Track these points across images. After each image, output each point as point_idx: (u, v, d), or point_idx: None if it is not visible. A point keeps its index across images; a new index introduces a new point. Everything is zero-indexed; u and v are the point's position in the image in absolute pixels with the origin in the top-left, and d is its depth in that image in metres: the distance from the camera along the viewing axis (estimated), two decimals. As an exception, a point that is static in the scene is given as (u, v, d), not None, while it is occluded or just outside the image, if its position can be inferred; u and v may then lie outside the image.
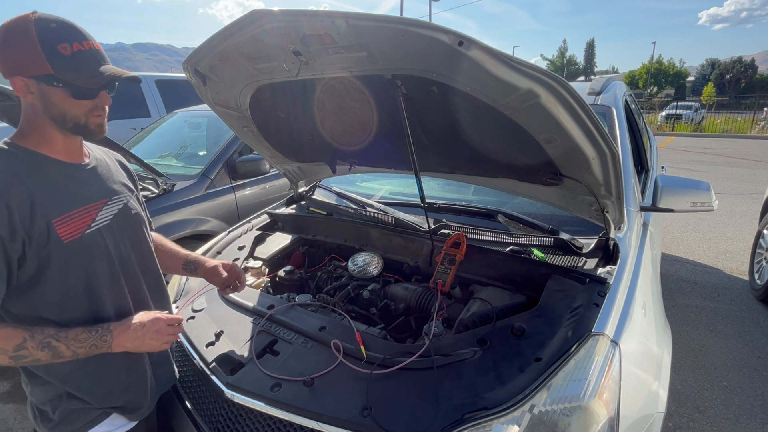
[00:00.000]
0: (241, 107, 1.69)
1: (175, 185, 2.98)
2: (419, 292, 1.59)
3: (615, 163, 1.19)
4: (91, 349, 0.96)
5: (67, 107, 0.94)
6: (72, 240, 0.96)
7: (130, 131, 5.34)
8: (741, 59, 54.57)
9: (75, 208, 0.98)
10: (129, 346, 1.00)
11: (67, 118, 0.95)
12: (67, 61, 0.89)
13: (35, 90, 0.91)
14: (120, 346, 0.99)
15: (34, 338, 0.90)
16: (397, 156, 1.67)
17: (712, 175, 8.62)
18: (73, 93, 0.93)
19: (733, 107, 22.01)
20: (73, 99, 0.93)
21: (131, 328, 1.00)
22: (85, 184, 1.03)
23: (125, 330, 0.99)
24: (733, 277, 3.91)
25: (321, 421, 1.04)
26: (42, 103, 0.93)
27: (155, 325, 1.03)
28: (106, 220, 1.05)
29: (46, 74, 0.89)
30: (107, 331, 0.98)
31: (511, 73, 0.98)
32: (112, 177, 1.13)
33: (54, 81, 0.90)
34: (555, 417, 0.96)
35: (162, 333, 1.04)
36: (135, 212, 1.15)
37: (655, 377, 1.23)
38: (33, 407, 1.07)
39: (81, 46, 0.91)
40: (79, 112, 0.95)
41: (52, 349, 0.91)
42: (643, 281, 1.46)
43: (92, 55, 0.93)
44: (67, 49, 0.89)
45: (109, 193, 1.08)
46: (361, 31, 1.06)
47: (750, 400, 2.37)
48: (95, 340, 0.96)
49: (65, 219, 0.95)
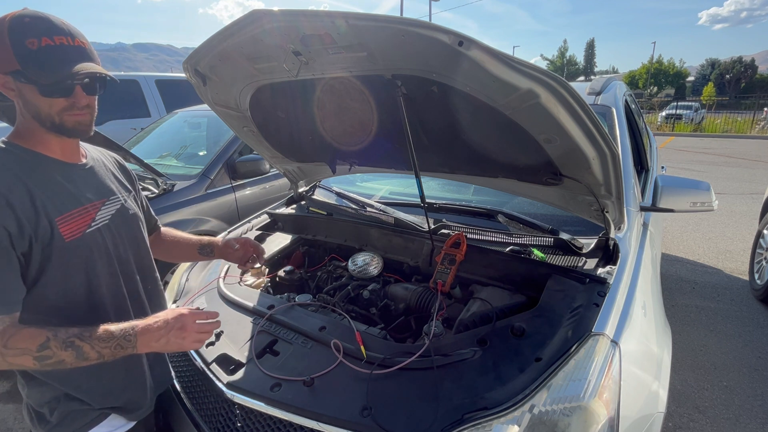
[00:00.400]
0: (241, 107, 1.69)
1: (175, 185, 2.98)
2: (419, 292, 1.59)
3: (615, 163, 1.19)
4: (116, 349, 0.92)
5: (39, 105, 0.90)
6: (74, 239, 0.96)
7: (130, 131, 5.34)
8: (741, 59, 54.57)
9: (75, 208, 0.98)
10: (154, 346, 0.96)
11: (42, 117, 0.92)
12: (32, 56, 0.85)
13: (14, 87, 0.89)
14: (145, 345, 0.95)
15: (57, 337, 0.87)
16: (397, 156, 1.67)
17: (712, 175, 8.61)
18: (40, 90, 0.88)
19: (733, 107, 22.00)
20: (41, 96, 0.89)
21: (155, 326, 0.96)
22: (83, 184, 1.02)
23: (149, 329, 0.95)
24: (733, 277, 3.91)
25: (321, 421, 1.04)
26: (20, 101, 0.91)
27: (179, 321, 0.98)
28: (105, 220, 1.04)
29: (15, 70, 0.85)
30: (131, 331, 0.94)
31: (511, 73, 0.98)
32: (109, 177, 1.13)
33: (21, 77, 0.86)
34: (555, 417, 0.96)
35: (188, 330, 0.98)
36: (132, 212, 1.15)
37: (655, 377, 1.23)
38: (30, 409, 1.05)
39: (50, 41, 0.86)
40: (51, 110, 0.91)
41: (77, 349, 0.88)
42: (643, 281, 1.46)
43: (62, 50, 0.88)
44: (34, 43, 0.85)
45: (106, 194, 1.08)
46: (361, 31, 1.06)
47: (750, 400, 2.37)
48: (119, 340, 0.92)
49: (67, 218, 0.95)
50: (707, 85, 51.17)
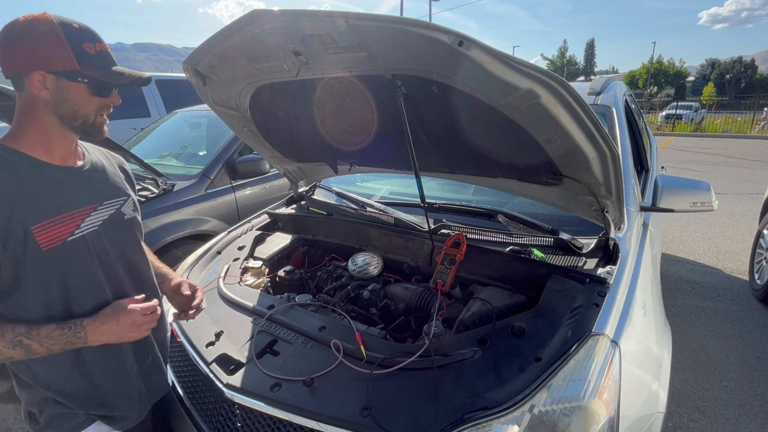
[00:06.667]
0: (241, 107, 1.69)
1: (175, 185, 2.98)
2: (419, 292, 1.59)
3: (615, 163, 1.19)
4: (65, 345, 0.94)
5: (82, 103, 0.97)
6: (52, 247, 0.94)
7: (130, 131, 5.34)
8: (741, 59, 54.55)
9: (58, 214, 0.96)
10: (105, 340, 0.98)
11: (78, 115, 0.98)
12: (93, 59, 0.95)
13: (51, 85, 0.93)
14: (96, 340, 0.97)
15: (4, 337, 0.88)
16: (397, 156, 1.67)
17: (712, 175, 8.61)
18: (94, 90, 0.97)
19: (733, 107, 22.00)
20: (91, 95, 0.97)
21: (105, 323, 0.97)
22: (74, 188, 1.01)
23: (99, 326, 0.97)
24: (733, 277, 3.91)
25: (321, 421, 1.04)
26: (55, 99, 0.94)
27: (130, 318, 1.00)
28: (94, 226, 1.02)
29: (71, 70, 0.93)
30: (81, 328, 0.95)
31: (511, 73, 0.98)
32: (107, 180, 1.10)
33: (78, 76, 0.94)
34: (555, 417, 0.96)
35: (138, 325, 1.01)
36: (129, 217, 1.13)
37: (655, 377, 1.23)
38: (23, 408, 1.06)
39: (102, 47, 0.98)
40: (90, 109, 0.99)
41: (25, 347, 0.90)
42: (643, 281, 1.46)
43: (110, 56, 1.00)
44: (91, 48, 0.95)
45: (100, 198, 1.06)
46: (361, 31, 1.06)
47: (750, 400, 2.37)
48: (69, 337, 0.94)
49: (46, 225, 0.93)
50: (707, 85, 51.18)
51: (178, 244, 2.80)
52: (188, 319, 1.29)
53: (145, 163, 2.77)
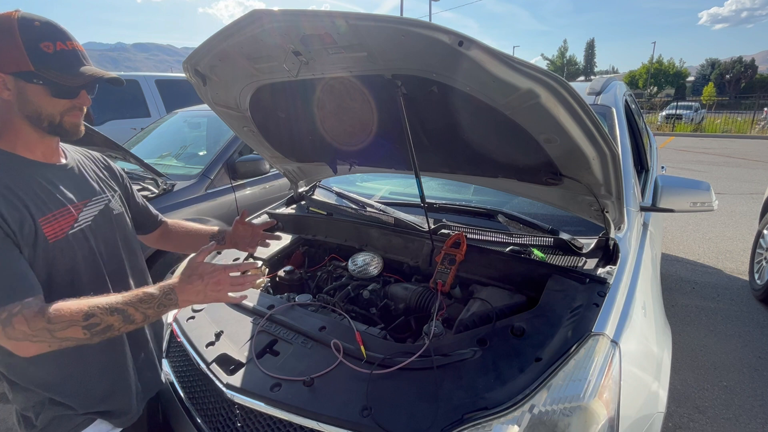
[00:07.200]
0: (241, 107, 1.69)
1: (175, 185, 2.98)
2: (419, 292, 1.58)
3: (615, 163, 1.19)
4: (159, 308, 0.93)
5: (44, 105, 0.93)
6: (57, 240, 0.94)
7: (130, 131, 5.34)
8: (741, 59, 54.54)
9: (57, 209, 0.97)
10: (194, 300, 0.97)
11: (43, 117, 0.94)
12: (50, 59, 0.89)
13: (12, 87, 0.90)
14: (185, 301, 0.96)
15: (99, 305, 0.87)
16: (397, 156, 1.67)
17: (712, 175, 8.61)
18: (52, 91, 0.92)
19: (733, 107, 22.00)
20: (51, 97, 0.93)
21: (191, 282, 0.96)
22: (64, 185, 1.01)
23: (185, 286, 0.96)
24: (733, 277, 3.91)
25: (321, 421, 1.04)
26: (18, 101, 0.92)
27: (213, 276, 0.98)
28: (88, 221, 1.03)
29: (26, 71, 0.88)
30: (169, 289, 0.94)
31: (511, 73, 0.98)
32: (92, 177, 1.12)
33: (34, 78, 0.89)
34: (555, 417, 0.96)
35: (223, 283, 0.99)
36: (117, 213, 1.14)
37: (655, 377, 1.24)
38: (17, 413, 1.04)
39: (64, 46, 0.92)
40: (54, 110, 0.95)
41: (122, 313, 0.88)
42: (643, 281, 1.46)
43: (74, 55, 0.93)
44: (50, 47, 0.90)
45: (88, 194, 1.07)
46: (361, 31, 1.06)
47: (750, 400, 2.37)
48: (161, 299, 0.93)
49: (49, 218, 0.94)
50: (707, 85, 51.14)
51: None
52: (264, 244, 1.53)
53: (145, 163, 2.77)
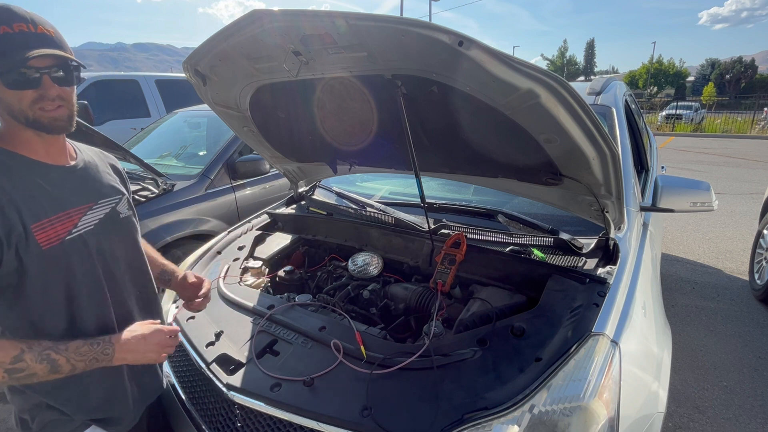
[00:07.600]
0: (241, 107, 1.69)
1: (175, 185, 2.98)
2: (419, 292, 1.58)
3: (615, 163, 1.19)
4: (91, 362, 0.92)
5: (9, 99, 0.85)
6: (52, 246, 0.91)
7: (130, 131, 5.34)
8: (741, 59, 54.54)
9: (55, 213, 0.92)
10: (129, 359, 0.98)
11: (15, 112, 0.86)
12: None
13: None
14: (121, 359, 0.96)
15: (32, 350, 0.85)
16: (397, 156, 1.67)
17: (712, 175, 8.61)
18: (5, 82, 0.83)
19: (733, 107, 21.99)
20: (7, 89, 0.84)
21: (132, 340, 0.97)
22: (68, 187, 0.98)
23: (127, 342, 0.96)
24: (733, 277, 3.91)
25: (321, 421, 1.04)
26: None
27: (156, 337, 1.00)
28: (90, 225, 0.99)
29: None
30: (109, 344, 0.94)
31: (511, 73, 0.98)
32: (101, 179, 1.07)
33: None
34: (555, 417, 0.96)
35: (163, 345, 1.01)
36: (124, 216, 1.10)
37: (655, 377, 1.23)
38: (15, 414, 1.04)
39: (9, 29, 0.80)
40: (21, 104, 0.85)
41: (51, 362, 0.87)
42: (643, 281, 1.46)
43: (22, 37, 0.81)
44: None
45: (94, 197, 1.03)
46: (361, 31, 1.06)
47: (750, 400, 2.37)
48: (96, 354, 0.92)
49: (44, 224, 0.90)
50: (707, 85, 51.13)
51: (178, 244, 2.80)
52: (197, 310, 1.31)
53: (145, 163, 2.77)
